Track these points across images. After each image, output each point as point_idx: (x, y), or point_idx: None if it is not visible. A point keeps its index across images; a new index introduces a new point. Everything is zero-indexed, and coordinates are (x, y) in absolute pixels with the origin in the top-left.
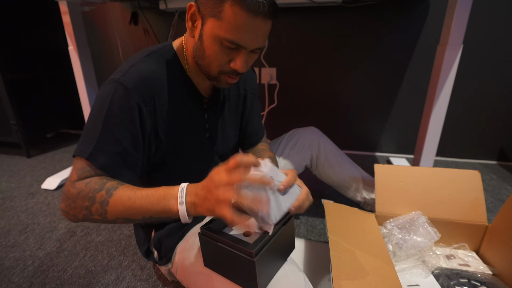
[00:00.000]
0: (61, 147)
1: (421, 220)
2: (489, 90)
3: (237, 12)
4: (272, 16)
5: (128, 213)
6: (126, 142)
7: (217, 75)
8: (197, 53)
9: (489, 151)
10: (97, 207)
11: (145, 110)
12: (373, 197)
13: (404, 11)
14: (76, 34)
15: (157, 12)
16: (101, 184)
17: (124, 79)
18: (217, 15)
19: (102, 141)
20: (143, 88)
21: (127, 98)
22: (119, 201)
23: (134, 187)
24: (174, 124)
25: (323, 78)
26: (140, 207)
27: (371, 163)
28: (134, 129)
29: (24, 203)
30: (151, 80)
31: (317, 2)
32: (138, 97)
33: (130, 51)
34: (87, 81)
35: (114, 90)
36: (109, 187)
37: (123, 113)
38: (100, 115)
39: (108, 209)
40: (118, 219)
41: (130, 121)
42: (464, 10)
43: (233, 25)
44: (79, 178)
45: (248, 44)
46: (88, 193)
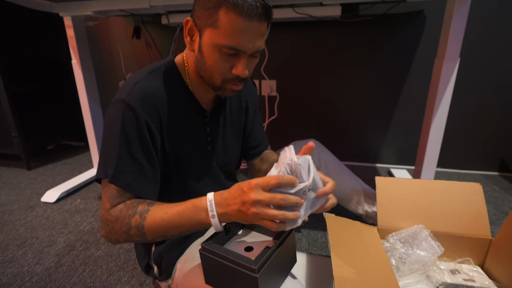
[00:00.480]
0: (62, 159)
1: (424, 234)
2: (488, 101)
3: (232, 17)
4: (267, 18)
5: (165, 232)
6: (142, 159)
7: (221, 84)
8: (199, 66)
9: (490, 162)
10: (135, 231)
11: (153, 127)
12: (375, 210)
13: (401, 25)
14: (80, 48)
15: (159, 26)
16: (133, 209)
17: (130, 99)
18: (213, 24)
19: (121, 162)
20: (148, 106)
21: (136, 118)
22: (154, 223)
23: (163, 205)
24: (178, 138)
25: (322, 90)
26: (175, 226)
27: (372, 175)
28: (147, 146)
29: (23, 216)
30: (155, 97)
31: (316, 17)
32: (145, 115)
33: (132, 64)
34: (89, 94)
35: (123, 111)
36: (141, 211)
37: (135, 133)
38: (115, 137)
39: (145, 231)
40: (158, 237)
41: (142, 140)
42: (460, 25)
43: (230, 31)
44: (112, 206)
45: (247, 48)
46: (124, 220)
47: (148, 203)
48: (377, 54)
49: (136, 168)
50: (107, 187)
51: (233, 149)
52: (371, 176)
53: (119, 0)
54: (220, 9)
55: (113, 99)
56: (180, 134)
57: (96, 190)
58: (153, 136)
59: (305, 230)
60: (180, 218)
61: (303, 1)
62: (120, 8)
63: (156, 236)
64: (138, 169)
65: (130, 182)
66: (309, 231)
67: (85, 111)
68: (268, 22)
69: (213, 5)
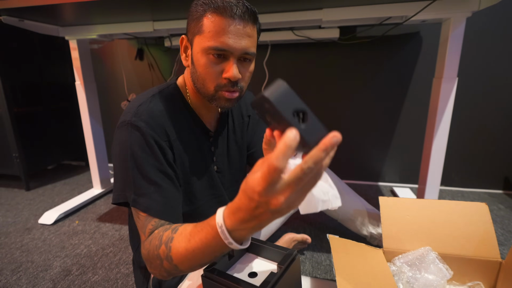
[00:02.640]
0: (62, 179)
1: (431, 256)
2: (490, 118)
3: (213, 19)
4: (252, 20)
5: (195, 262)
6: (158, 179)
7: (214, 92)
8: (193, 78)
9: (494, 180)
10: (167, 264)
11: (163, 144)
12: (379, 232)
13: (398, 46)
14: (84, 69)
15: (162, 49)
16: (159, 238)
17: (135, 120)
18: (199, 30)
19: (138, 186)
20: (154, 125)
21: (143, 138)
22: (180, 255)
23: (186, 231)
24: (185, 159)
25: (322, 109)
26: (202, 255)
27: (375, 194)
28: (160, 165)
29: (19, 239)
30: (160, 117)
31: (315, 39)
32: (153, 133)
33: (135, 85)
34: (92, 115)
35: (130, 132)
36: (166, 240)
37: (145, 153)
38: (126, 160)
39: (176, 263)
40: (192, 268)
41: (153, 159)
42: (456, 45)
43: (213, 32)
44: (146, 237)
45: (232, 47)
46: (154, 252)
47: (173, 229)
48: (376, 74)
49: (153, 189)
50: (136, 214)
51: (238, 168)
52: (374, 195)
53: (124, 24)
54: (205, 15)
55: (119, 122)
56: (186, 155)
57: (95, 211)
58: (165, 152)
59: (309, 252)
60: (204, 245)
61: (302, 24)
62: (124, 32)
63: (189, 267)
64: (155, 189)
65: (151, 205)
66: (312, 253)
67: (86, 131)
68: (254, 25)
69: (200, 14)
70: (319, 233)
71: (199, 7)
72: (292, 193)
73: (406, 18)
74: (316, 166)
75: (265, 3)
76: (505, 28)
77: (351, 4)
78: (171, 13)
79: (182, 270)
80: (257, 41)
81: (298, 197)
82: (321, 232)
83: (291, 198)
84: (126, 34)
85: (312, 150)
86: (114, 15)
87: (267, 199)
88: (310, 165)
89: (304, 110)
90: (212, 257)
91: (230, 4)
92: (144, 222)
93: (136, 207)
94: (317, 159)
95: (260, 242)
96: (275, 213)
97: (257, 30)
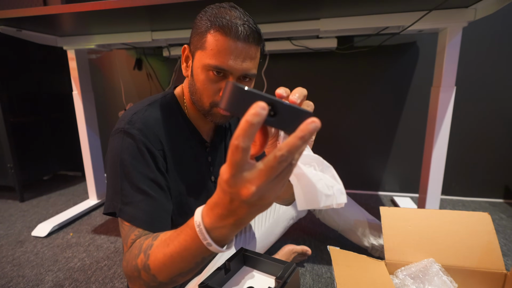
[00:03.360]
0: (57, 189)
1: (434, 269)
2: (490, 126)
3: (218, 38)
4: (256, 42)
5: (175, 270)
6: (146, 187)
7: (209, 108)
8: (191, 89)
9: (494, 189)
10: (145, 274)
11: (156, 152)
12: (381, 243)
13: (395, 55)
14: (81, 79)
15: (160, 58)
16: (139, 247)
17: (128, 127)
18: (202, 46)
19: (125, 194)
20: (148, 133)
21: (135, 144)
22: (158, 263)
23: (167, 236)
24: (180, 169)
25: (321, 118)
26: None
27: (375, 204)
28: (151, 172)
29: (11, 252)
30: (155, 126)
31: (313, 48)
32: (146, 140)
33: (132, 95)
34: (89, 125)
35: (122, 140)
36: (146, 248)
37: (135, 160)
38: (116, 167)
39: (154, 273)
40: (172, 279)
41: (144, 166)
42: (453, 55)
43: (215, 51)
44: (128, 247)
45: (232, 68)
46: (132, 262)
47: (154, 237)
48: (374, 83)
49: (140, 197)
50: (121, 223)
51: None
52: (375, 205)
53: (122, 34)
54: (209, 31)
55: (113, 130)
56: (181, 166)
57: (90, 223)
58: (157, 160)
59: (309, 265)
60: (183, 249)
61: (300, 34)
62: (123, 42)
63: (168, 277)
64: (143, 198)
65: (136, 215)
66: (312, 265)
67: (83, 141)
68: (257, 46)
69: (204, 29)
70: (319, 244)
71: (204, 21)
72: (264, 182)
73: (403, 28)
74: (290, 154)
75: (263, 13)
76: (501, 36)
77: (348, 14)
78: (169, 23)
79: (161, 281)
80: (259, 60)
81: (271, 188)
82: (321, 243)
83: (262, 188)
84: (125, 44)
85: (288, 137)
86: (112, 25)
87: (236, 189)
88: (284, 152)
89: (270, 102)
90: (192, 263)
91: (235, 24)
92: (127, 232)
93: (121, 216)
94: (292, 147)
95: (257, 255)
96: (250, 205)
97: (261, 50)
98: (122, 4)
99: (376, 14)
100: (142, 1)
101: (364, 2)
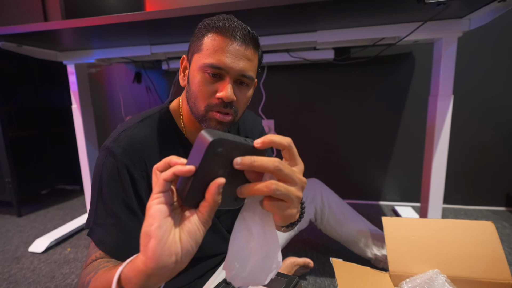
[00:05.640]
0: (55, 204)
1: (440, 280)
2: (489, 135)
3: (214, 38)
4: (253, 44)
5: None
6: (120, 212)
7: (204, 112)
8: (187, 97)
9: (496, 197)
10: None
11: (136, 175)
12: (384, 254)
13: (392, 65)
14: (81, 93)
15: (159, 72)
16: (96, 267)
17: (113, 146)
18: (198, 49)
19: (98, 214)
20: (132, 153)
21: (116, 165)
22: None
23: (107, 269)
24: None
25: (320, 129)
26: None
27: (377, 214)
28: (126, 197)
29: (7, 269)
30: (142, 145)
31: (311, 60)
32: (128, 162)
33: (132, 107)
34: (88, 139)
35: (105, 158)
36: (95, 273)
37: (113, 181)
38: (95, 185)
39: None
40: None
41: (121, 189)
42: (449, 64)
43: (211, 50)
44: (87, 264)
45: (228, 67)
46: (82, 279)
47: (113, 263)
48: (372, 93)
49: (111, 221)
50: (91, 242)
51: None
52: (376, 215)
53: (122, 48)
54: (206, 35)
55: (101, 145)
56: None
57: (88, 238)
58: (136, 183)
59: (311, 277)
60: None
61: (297, 46)
62: (122, 56)
63: None
64: (114, 222)
65: (104, 239)
66: (315, 278)
67: (82, 155)
68: (255, 50)
69: (201, 33)
70: (322, 256)
71: (203, 28)
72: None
73: (398, 39)
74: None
75: (261, 26)
76: (496, 45)
77: (344, 26)
78: (168, 37)
79: None
80: (257, 67)
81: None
82: (324, 255)
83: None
84: (124, 58)
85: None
86: (112, 39)
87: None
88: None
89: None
90: None
91: (233, 25)
92: (92, 250)
93: (90, 236)
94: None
95: None
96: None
97: (258, 57)
98: (122, 19)
99: (371, 25)
100: (142, 16)
101: (359, 14)
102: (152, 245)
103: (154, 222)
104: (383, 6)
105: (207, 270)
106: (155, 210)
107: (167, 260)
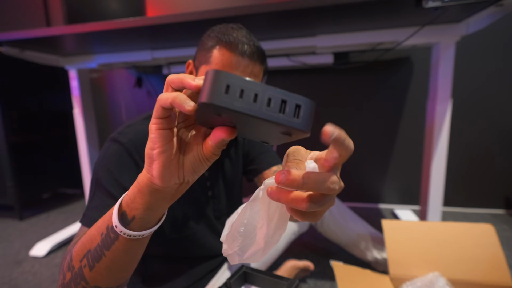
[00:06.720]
0: (56, 207)
1: (441, 283)
2: (488, 137)
3: (223, 53)
4: (260, 60)
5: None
6: (118, 195)
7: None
8: None
9: (495, 200)
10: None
11: (141, 163)
12: (384, 257)
13: (391, 69)
14: (83, 98)
15: (160, 76)
16: (80, 236)
17: (119, 136)
18: (207, 60)
19: (95, 199)
20: (137, 143)
21: (120, 153)
22: (75, 250)
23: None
24: None
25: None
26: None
27: (376, 216)
28: (125, 182)
29: (8, 273)
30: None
31: (310, 64)
32: (132, 149)
33: (133, 112)
34: (89, 143)
35: (108, 147)
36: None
37: (114, 167)
38: (95, 174)
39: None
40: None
41: (121, 174)
42: (448, 68)
43: (220, 65)
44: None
45: None
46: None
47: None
48: (371, 97)
49: (109, 202)
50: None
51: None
52: (376, 218)
53: (123, 53)
54: (215, 47)
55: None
56: None
57: None
58: (139, 170)
59: (312, 281)
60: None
61: (297, 51)
62: (124, 61)
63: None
64: (111, 203)
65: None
66: (315, 281)
67: (83, 159)
68: (261, 65)
69: (210, 45)
70: (322, 259)
71: (211, 38)
72: None
73: (397, 43)
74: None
75: (261, 30)
76: (495, 49)
77: (343, 31)
78: (169, 42)
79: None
80: (262, 79)
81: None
82: (324, 258)
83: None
84: (125, 63)
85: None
86: (113, 44)
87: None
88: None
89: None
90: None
91: (241, 42)
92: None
93: (81, 221)
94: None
95: (259, 272)
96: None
97: (264, 70)
98: (124, 25)
99: (370, 30)
100: (144, 21)
101: (358, 19)
102: (156, 166)
103: (156, 147)
104: (382, 10)
105: (207, 272)
106: (156, 135)
107: (172, 180)
